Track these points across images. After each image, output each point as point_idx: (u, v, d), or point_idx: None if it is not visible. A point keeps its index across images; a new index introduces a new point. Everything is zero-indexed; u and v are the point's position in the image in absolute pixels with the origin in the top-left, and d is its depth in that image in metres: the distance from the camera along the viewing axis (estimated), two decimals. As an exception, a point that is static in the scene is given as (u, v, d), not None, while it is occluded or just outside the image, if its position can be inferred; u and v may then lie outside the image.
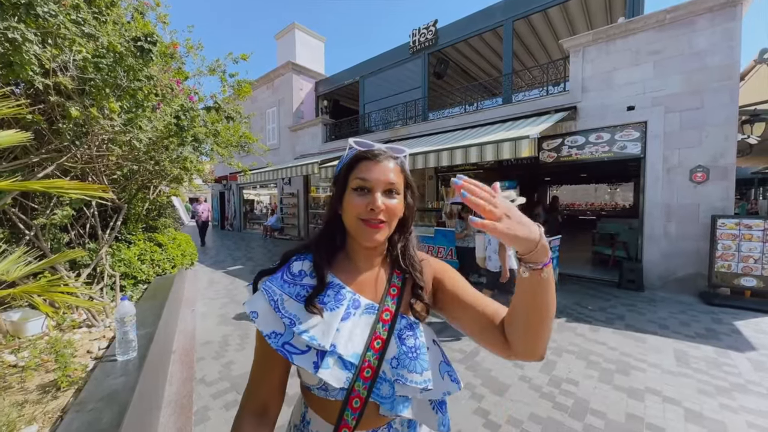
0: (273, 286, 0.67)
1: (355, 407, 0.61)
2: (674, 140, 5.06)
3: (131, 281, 3.21)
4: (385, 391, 0.63)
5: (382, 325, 0.66)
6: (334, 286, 0.68)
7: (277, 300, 0.65)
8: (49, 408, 1.45)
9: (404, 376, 0.63)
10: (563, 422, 2.12)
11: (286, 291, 0.66)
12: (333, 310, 0.65)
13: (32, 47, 1.81)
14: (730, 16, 4.66)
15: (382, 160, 0.66)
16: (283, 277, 0.68)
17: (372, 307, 0.68)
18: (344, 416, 0.61)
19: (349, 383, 0.61)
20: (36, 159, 2.34)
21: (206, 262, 7.77)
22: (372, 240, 0.65)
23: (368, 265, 0.73)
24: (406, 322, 0.68)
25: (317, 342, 0.61)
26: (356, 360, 0.62)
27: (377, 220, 0.64)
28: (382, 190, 0.65)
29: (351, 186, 0.66)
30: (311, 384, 0.66)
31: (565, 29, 8.07)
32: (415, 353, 0.65)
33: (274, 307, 0.64)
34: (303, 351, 0.62)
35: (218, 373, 2.78)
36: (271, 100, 13.22)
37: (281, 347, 0.62)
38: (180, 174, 3.54)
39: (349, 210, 0.66)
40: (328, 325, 0.63)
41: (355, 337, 0.64)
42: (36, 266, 1.61)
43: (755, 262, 4.38)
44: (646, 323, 3.81)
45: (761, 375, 2.67)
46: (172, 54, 3.17)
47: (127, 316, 1.75)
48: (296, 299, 0.65)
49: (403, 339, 0.66)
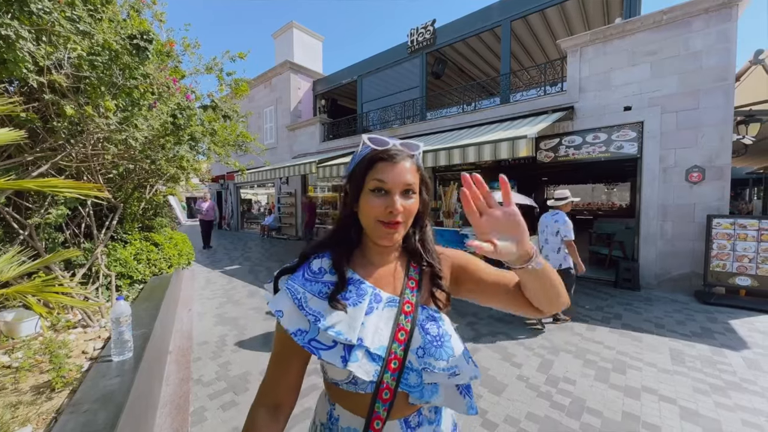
0: (295, 284, 0.68)
1: (385, 398, 0.63)
2: (670, 140, 5.09)
3: (127, 281, 3.19)
4: (413, 380, 0.64)
5: (404, 317, 0.67)
6: (354, 281, 0.70)
7: (301, 298, 0.66)
8: (43, 409, 1.44)
9: (431, 364, 0.64)
10: (560, 421, 2.13)
11: (308, 289, 0.68)
12: (356, 305, 0.66)
13: (26, 44, 1.79)
14: (725, 17, 4.69)
15: (399, 161, 0.66)
16: (305, 276, 0.70)
17: (393, 300, 0.70)
18: (375, 408, 0.63)
19: (377, 375, 0.62)
20: (30, 157, 2.31)
21: (203, 262, 7.73)
22: (389, 240, 0.67)
23: (385, 260, 0.74)
24: (427, 312, 0.70)
25: (344, 336, 0.63)
26: (383, 353, 0.64)
27: (396, 221, 0.65)
28: (400, 191, 0.65)
29: (368, 187, 0.66)
30: (339, 379, 0.66)
31: (562, 29, 8.09)
32: (440, 341, 0.67)
33: (298, 305, 0.66)
34: (330, 346, 0.64)
35: (215, 373, 2.77)
36: (269, 99, 13.17)
37: (308, 344, 0.64)
38: (176, 173, 3.51)
39: (366, 211, 0.66)
40: (353, 320, 0.65)
41: (380, 331, 0.66)
42: (30, 266, 1.60)
43: (750, 261, 4.42)
44: (642, 322, 3.84)
45: (755, 373, 2.70)
46: (168, 52, 3.14)
47: (123, 316, 1.73)
48: (319, 296, 0.67)
49: (426, 329, 0.68)
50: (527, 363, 2.89)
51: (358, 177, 0.68)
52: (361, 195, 0.67)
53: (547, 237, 3.78)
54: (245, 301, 4.72)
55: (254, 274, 6.47)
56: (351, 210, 0.71)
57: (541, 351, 3.11)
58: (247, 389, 2.52)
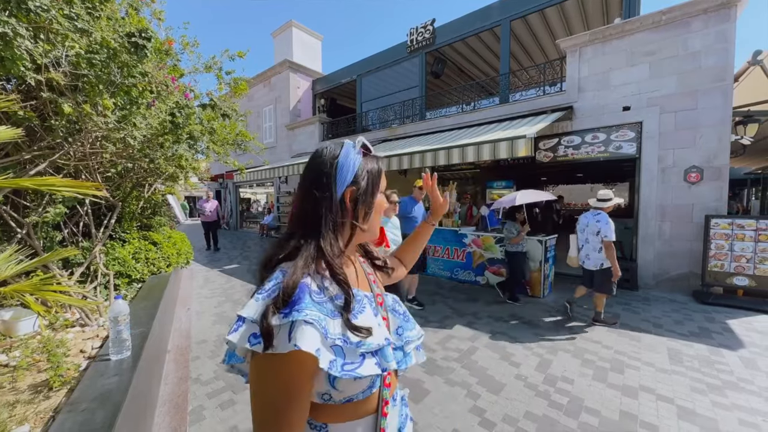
0: (314, 311, 0.57)
1: (389, 383, 0.71)
2: (669, 141, 5.10)
3: (125, 280, 3.18)
4: (398, 356, 0.72)
5: (380, 308, 0.74)
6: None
7: (325, 326, 0.57)
8: (40, 408, 1.44)
9: (409, 336, 0.76)
10: (558, 420, 2.13)
11: (324, 313, 0.59)
12: (363, 311, 0.67)
13: (24, 42, 1.78)
14: (724, 18, 4.70)
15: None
16: (313, 299, 0.59)
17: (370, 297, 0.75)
18: (383, 396, 0.69)
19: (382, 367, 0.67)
20: (28, 156, 2.31)
21: (202, 261, 7.73)
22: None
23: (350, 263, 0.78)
24: (390, 297, 0.81)
25: (375, 344, 0.62)
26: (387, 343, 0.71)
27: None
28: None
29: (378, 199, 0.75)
30: (357, 391, 0.62)
31: (562, 29, 8.10)
32: (406, 316, 0.80)
33: (324, 334, 0.57)
34: (360, 363, 0.60)
35: (213, 372, 2.77)
36: (268, 98, 13.15)
37: (343, 370, 0.57)
38: (175, 172, 3.51)
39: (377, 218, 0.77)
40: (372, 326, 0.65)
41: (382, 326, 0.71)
42: (28, 265, 1.59)
43: (747, 261, 4.44)
44: (640, 322, 3.85)
45: (752, 373, 2.71)
46: (167, 51, 3.14)
47: (121, 315, 1.73)
48: (332, 316, 0.60)
49: (396, 310, 0.79)
50: (525, 362, 2.90)
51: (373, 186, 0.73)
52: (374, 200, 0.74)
53: (588, 236, 3.76)
54: (244, 300, 4.67)
55: (253, 273, 6.40)
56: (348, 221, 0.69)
57: (540, 350, 3.12)
58: (246, 388, 2.51)
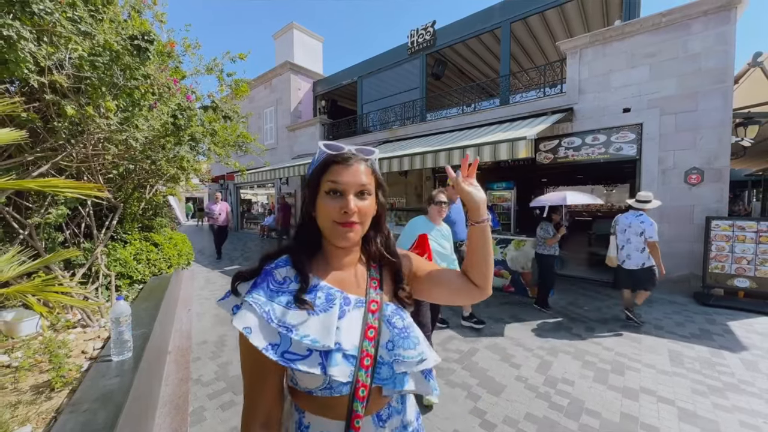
0: (260, 297, 0.65)
1: (362, 396, 0.64)
2: (669, 142, 5.11)
3: (127, 281, 3.19)
4: (385, 373, 0.66)
5: (372, 316, 0.69)
6: (322, 288, 0.70)
7: (268, 311, 0.64)
8: (42, 409, 1.44)
9: (401, 355, 0.68)
10: (558, 422, 2.13)
11: (275, 300, 0.66)
12: (327, 310, 0.67)
13: (27, 45, 1.80)
14: (724, 20, 4.71)
15: (353, 163, 0.69)
16: (269, 287, 0.67)
17: (360, 301, 0.72)
18: (354, 408, 0.63)
19: (353, 376, 0.64)
20: (31, 157, 2.32)
21: (203, 262, 7.73)
22: (346, 240, 0.68)
23: (346, 263, 0.76)
24: (392, 308, 0.74)
25: (320, 343, 0.63)
26: (355, 352, 0.65)
27: (350, 222, 0.67)
28: (354, 192, 0.68)
29: (323, 189, 0.68)
30: (314, 387, 0.65)
31: (562, 31, 8.11)
32: (406, 332, 0.71)
33: (267, 318, 0.63)
34: (305, 355, 0.63)
35: (214, 373, 2.77)
36: (269, 100, 13.19)
37: (281, 356, 0.62)
38: (177, 173, 3.52)
39: (322, 214, 0.68)
40: (327, 326, 0.65)
41: (352, 332, 0.67)
42: (30, 266, 1.60)
43: (748, 263, 4.43)
44: (641, 323, 3.84)
45: (753, 375, 2.70)
46: (169, 53, 3.15)
47: (123, 316, 1.74)
48: (286, 307, 0.65)
49: (392, 323, 0.71)
50: (526, 364, 2.89)
51: (313, 181, 0.70)
52: (318, 198, 0.69)
53: (630, 237, 3.82)
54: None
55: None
56: (309, 215, 0.73)
57: (540, 352, 3.12)
58: (247, 389, 2.52)
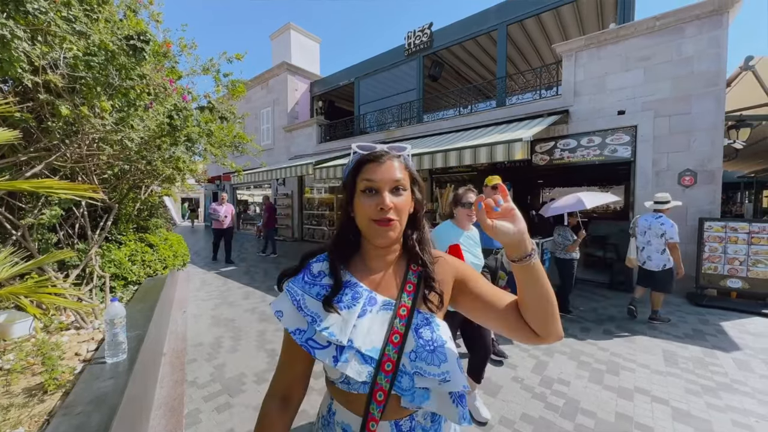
0: (295, 287, 0.73)
1: (380, 400, 0.64)
2: (663, 144, 5.17)
3: (121, 282, 3.16)
4: (405, 383, 0.65)
5: (399, 321, 0.68)
6: (351, 285, 0.72)
7: (299, 300, 0.70)
8: (35, 411, 1.42)
9: (423, 369, 0.65)
10: (554, 422, 2.14)
11: (307, 291, 0.71)
12: (350, 308, 0.69)
13: (21, 44, 1.78)
14: (716, 24, 4.78)
15: (385, 161, 0.69)
16: (304, 278, 0.74)
17: (389, 303, 0.71)
18: (370, 409, 0.64)
19: (371, 377, 0.64)
20: (24, 158, 2.29)
21: (199, 263, 7.69)
22: (385, 238, 0.68)
23: (383, 264, 0.75)
24: (422, 317, 0.70)
25: (335, 338, 0.65)
26: (376, 354, 0.65)
27: (387, 219, 0.66)
28: (389, 188, 0.67)
29: (359, 188, 0.69)
30: (334, 378, 0.69)
31: (558, 34, 8.18)
32: (432, 346, 0.67)
33: (297, 306, 0.70)
34: (324, 346, 0.66)
35: (210, 375, 2.75)
36: (266, 101, 13.16)
37: (305, 342, 0.67)
38: (172, 174, 3.50)
39: (360, 213, 0.69)
40: (346, 322, 0.67)
41: (373, 333, 0.67)
42: (23, 267, 1.58)
43: (740, 264, 4.49)
44: (635, 324, 3.88)
45: (746, 374, 2.74)
46: (165, 53, 3.14)
47: (117, 318, 1.72)
48: (316, 298, 0.70)
49: (419, 333, 0.68)
50: (522, 364, 2.91)
51: (349, 182, 0.72)
52: (354, 198, 0.70)
53: (650, 239, 3.88)
54: (240, 303, 4.70)
55: (250, 275, 6.44)
56: (348, 216, 0.74)
57: (536, 352, 3.13)
58: (242, 391, 2.51)
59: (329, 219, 11.23)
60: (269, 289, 5.41)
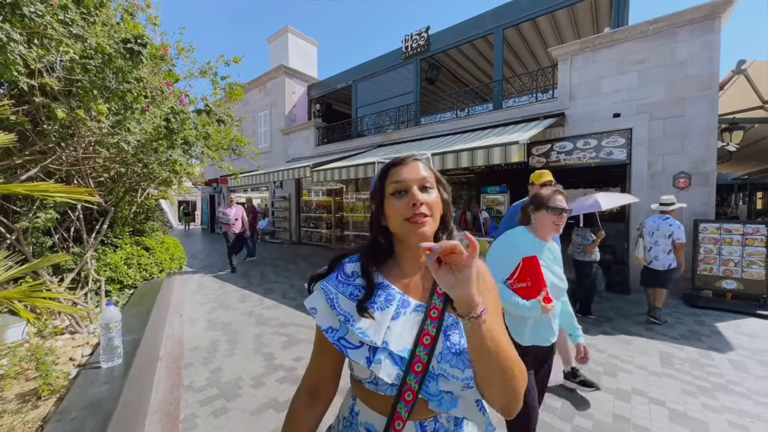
0: (329, 285, 0.74)
1: (408, 400, 0.64)
2: (658, 147, 5.22)
3: (117, 286, 3.14)
4: (433, 388, 0.65)
5: (430, 322, 0.68)
6: (384, 287, 0.73)
7: (333, 298, 0.71)
8: (28, 418, 1.41)
9: (446, 371, 0.65)
10: (552, 424, 2.14)
11: (340, 290, 0.73)
12: (384, 309, 0.69)
13: (17, 47, 1.78)
14: (709, 28, 4.85)
15: (410, 162, 0.72)
16: (338, 278, 0.75)
17: (421, 306, 0.71)
18: (397, 409, 0.64)
19: (400, 379, 0.64)
20: (19, 161, 2.28)
21: (195, 267, 7.64)
22: (421, 234, 0.67)
23: (415, 268, 0.76)
24: (452, 319, 0.69)
25: (369, 338, 0.66)
26: (406, 355, 0.65)
27: (421, 214, 0.67)
28: (418, 186, 0.69)
29: (388, 192, 0.71)
30: (363, 377, 0.69)
31: (553, 38, 8.27)
32: (458, 349, 0.66)
33: (331, 304, 0.71)
34: (357, 346, 0.67)
35: (206, 379, 2.73)
36: (264, 103, 13.16)
37: (337, 341, 0.68)
38: (169, 177, 3.49)
39: (393, 215, 0.70)
40: (380, 324, 0.67)
41: (405, 335, 0.68)
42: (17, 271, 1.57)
43: (735, 265, 4.53)
44: (632, 325, 3.90)
45: (741, 375, 2.75)
46: (162, 56, 3.14)
47: (113, 322, 1.71)
48: (350, 298, 0.71)
49: (448, 335, 0.67)
50: (520, 367, 2.90)
51: (377, 189, 0.74)
52: (385, 204, 0.72)
53: (658, 239, 4.02)
54: (237, 306, 4.67)
55: (247, 278, 6.41)
56: (379, 224, 0.75)
57: (534, 354, 3.14)
58: (239, 395, 2.49)
59: (327, 221, 11.22)
60: (266, 292, 5.38)
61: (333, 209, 11.01)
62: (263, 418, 2.23)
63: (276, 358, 3.09)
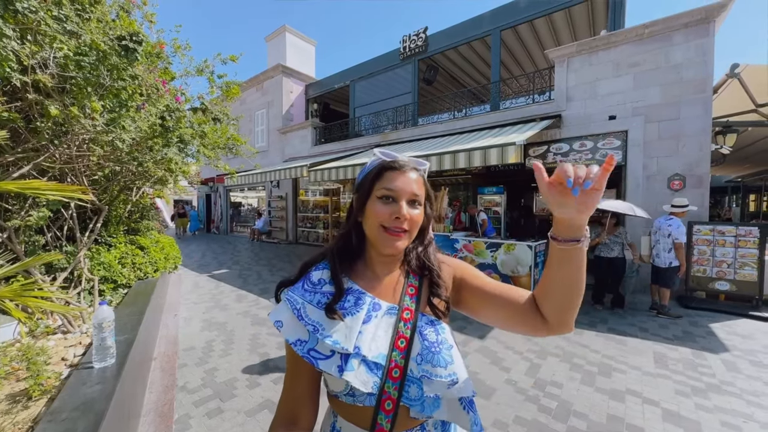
0: (295, 295, 0.69)
1: (388, 409, 0.61)
2: (653, 149, 5.26)
3: (111, 285, 3.11)
4: (413, 392, 0.62)
5: (404, 324, 0.67)
6: (353, 291, 0.70)
7: (300, 308, 0.67)
8: (19, 418, 1.39)
9: (429, 372, 0.63)
10: (547, 425, 2.15)
11: (307, 299, 0.68)
12: (354, 314, 0.66)
13: (10, 43, 1.76)
14: (703, 32, 4.90)
15: (407, 171, 0.69)
16: (304, 287, 0.70)
17: (393, 309, 0.70)
18: (378, 420, 0.61)
19: (378, 387, 0.61)
20: (11, 158, 2.25)
21: (190, 266, 7.59)
22: (393, 247, 0.67)
23: (386, 271, 0.74)
24: (427, 319, 0.69)
25: (340, 345, 0.62)
26: (382, 360, 0.63)
27: (399, 228, 0.66)
28: (407, 200, 0.67)
29: (376, 194, 0.68)
30: (338, 391, 0.65)
31: (550, 40, 8.31)
32: (438, 347, 0.65)
33: (297, 315, 0.66)
34: (327, 356, 0.63)
35: (201, 380, 2.71)
36: (261, 102, 13.11)
37: (307, 353, 0.64)
38: (164, 175, 3.46)
39: (372, 217, 0.68)
40: (350, 329, 0.64)
41: (379, 339, 0.65)
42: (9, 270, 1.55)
43: (728, 266, 4.57)
44: (627, 326, 3.92)
45: (734, 375, 2.78)
46: (158, 54, 3.11)
47: (106, 322, 1.69)
48: (317, 306, 0.67)
49: (424, 335, 0.67)
50: (515, 367, 2.92)
51: (366, 185, 0.70)
52: (368, 203, 0.69)
53: (659, 238, 4.32)
54: (233, 306, 4.65)
55: (243, 278, 6.38)
56: (355, 220, 0.73)
57: (530, 355, 3.15)
58: (234, 396, 2.47)
59: (324, 221, 11.20)
60: (262, 292, 5.36)
61: (330, 209, 10.99)
62: (258, 418, 2.21)
63: (272, 359, 3.07)
